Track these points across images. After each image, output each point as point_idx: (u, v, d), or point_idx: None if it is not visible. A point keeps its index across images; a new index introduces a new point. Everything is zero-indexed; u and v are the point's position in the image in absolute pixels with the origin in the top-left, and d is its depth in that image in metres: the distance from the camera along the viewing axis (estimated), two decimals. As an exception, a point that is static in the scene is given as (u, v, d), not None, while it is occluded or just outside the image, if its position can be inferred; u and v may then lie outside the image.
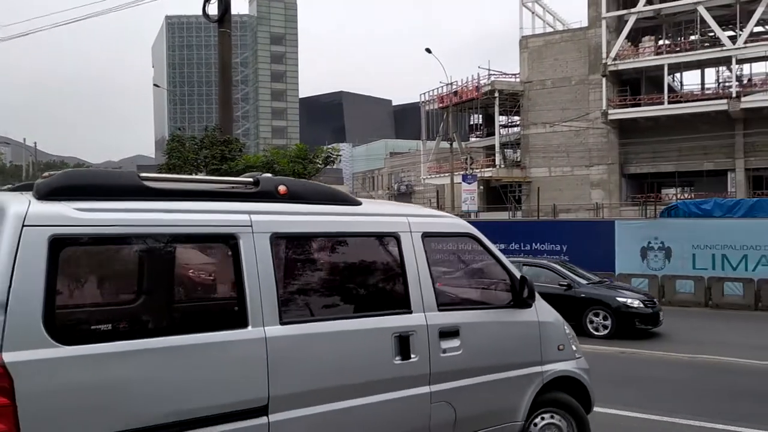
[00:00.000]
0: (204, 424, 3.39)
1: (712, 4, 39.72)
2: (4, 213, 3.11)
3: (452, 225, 5.02)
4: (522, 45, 46.03)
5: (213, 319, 3.72)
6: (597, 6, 42.25)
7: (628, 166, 42.97)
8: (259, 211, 3.84)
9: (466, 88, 47.71)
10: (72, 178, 3.42)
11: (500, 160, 47.03)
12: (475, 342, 4.59)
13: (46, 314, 3.05)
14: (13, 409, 2.91)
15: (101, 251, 3.53)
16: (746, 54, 39.37)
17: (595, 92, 42.32)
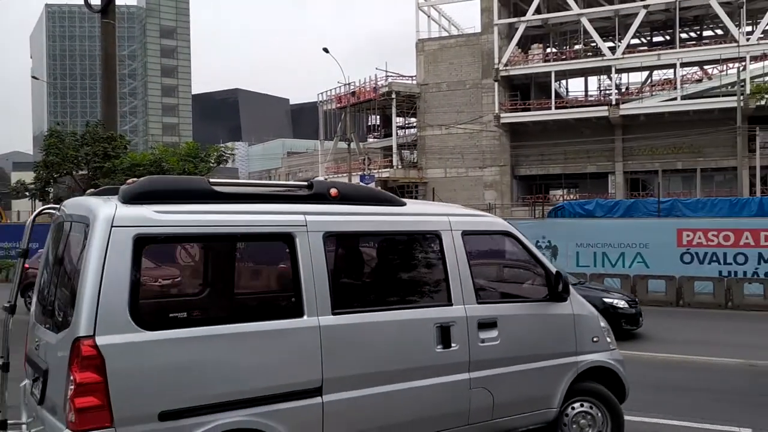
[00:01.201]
0: (267, 402, 3.81)
1: (594, 16, 42.14)
2: (96, 216, 3.56)
3: (491, 224, 5.37)
4: (418, 48, 46.81)
5: (273, 309, 4.17)
6: (489, 13, 43.67)
7: (518, 168, 44.73)
8: (313, 212, 4.21)
9: (364, 89, 47.91)
10: (152, 184, 3.87)
11: (398, 160, 47.60)
12: (512, 333, 4.87)
13: (131, 303, 3.50)
14: (104, 385, 3.37)
15: (177, 248, 4.10)
16: (624, 64, 42.04)
17: (488, 96, 43.72)
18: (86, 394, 3.37)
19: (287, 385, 3.90)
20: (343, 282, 4.49)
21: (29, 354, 4.28)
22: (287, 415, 3.88)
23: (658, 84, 44.22)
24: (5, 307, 4.26)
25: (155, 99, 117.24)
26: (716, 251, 16.88)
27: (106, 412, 3.39)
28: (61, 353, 3.55)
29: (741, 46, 37.49)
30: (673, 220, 19.02)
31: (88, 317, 3.42)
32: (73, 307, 3.52)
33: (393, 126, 47.84)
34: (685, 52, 41.39)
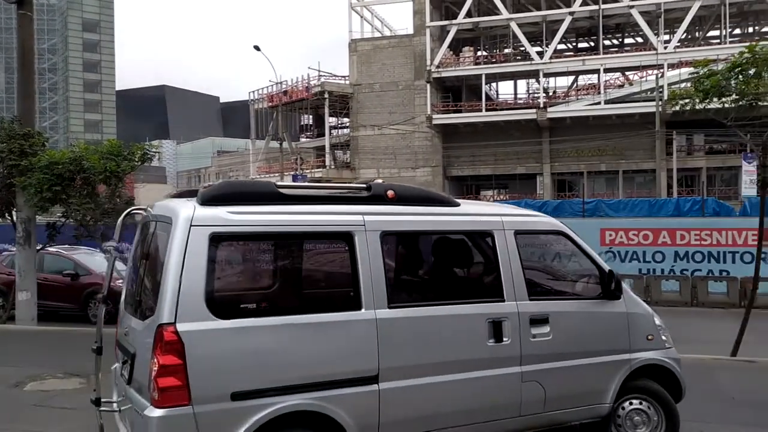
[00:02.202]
0: (328, 387, 4.11)
1: (523, 21, 43.17)
2: (177, 216, 3.98)
3: (543, 223, 5.46)
4: (351, 48, 46.70)
5: (333, 302, 4.42)
6: (422, 15, 44.04)
7: (450, 169, 45.30)
8: (371, 212, 4.50)
9: (296, 88, 47.42)
10: (225, 188, 4.27)
11: (330, 160, 47.35)
12: (564, 329, 5.00)
13: (207, 294, 3.88)
14: (184, 367, 3.75)
15: (248, 245, 4.45)
16: (552, 68, 43.27)
17: (420, 97, 44.08)
18: (168, 375, 3.77)
19: (346, 372, 4.21)
20: (399, 278, 4.88)
21: (119, 339, 4.77)
22: (346, 400, 4.18)
23: (583, 88, 45.77)
24: (100, 299, 4.96)
25: (77, 95, 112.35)
26: (636, 250, 17.54)
27: (185, 391, 3.78)
28: (147, 339, 3.95)
29: (659, 54, 39.24)
30: (596, 220, 19.63)
31: (170, 306, 3.82)
32: (157, 298, 3.93)
33: (326, 126, 47.56)
34: (608, 59, 42.99)
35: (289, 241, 4.50)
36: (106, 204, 13.37)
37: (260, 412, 3.92)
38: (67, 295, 13.93)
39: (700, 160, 40.87)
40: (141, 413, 3.87)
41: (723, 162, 38.86)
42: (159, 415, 3.74)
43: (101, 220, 13.32)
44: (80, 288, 13.81)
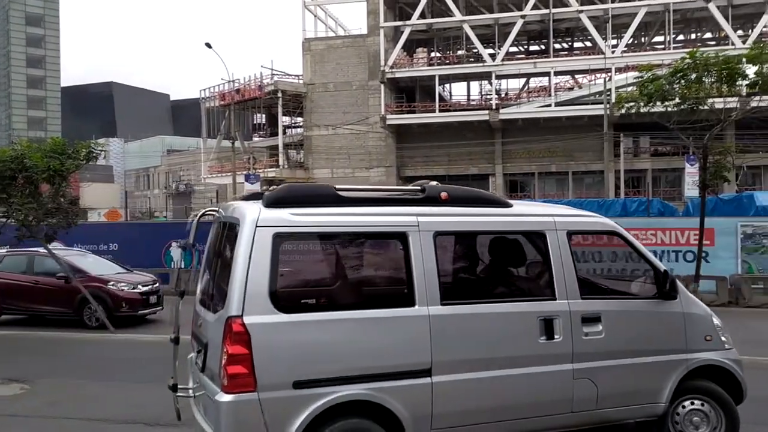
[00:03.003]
0: (383, 379, 4.35)
1: (476, 23, 43.65)
2: (244, 217, 4.30)
3: (597, 224, 5.51)
4: (305, 47, 46.39)
5: (388, 299, 4.64)
6: (375, 15, 44.06)
7: (404, 169, 45.44)
8: (425, 213, 4.70)
9: (249, 87, 46.79)
10: (288, 191, 4.56)
11: (284, 160, 46.91)
12: (617, 328, 5.05)
13: (271, 290, 4.19)
14: (250, 356, 4.07)
15: (308, 245, 4.69)
16: (504, 71, 43.87)
17: (374, 97, 44.10)
18: (236, 363, 4.09)
19: (400, 365, 4.43)
20: (451, 276, 5.05)
21: (194, 330, 5.11)
22: (400, 391, 4.40)
23: (535, 91, 46.56)
24: (175, 291, 5.24)
25: (20, 91, 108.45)
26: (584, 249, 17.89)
27: (251, 378, 4.09)
28: (217, 330, 4.28)
29: (607, 58, 40.24)
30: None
31: (238, 300, 4.15)
32: (226, 293, 4.25)
33: (279, 125, 47.10)
34: (559, 62, 43.88)
35: (346, 240, 4.73)
36: (50, 204, 12.96)
37: (320, 400, 4.21)
38: (60, 299, 13.26)
39: (646, 161, 42.10)
40: (213, 398, 4.24)
41: (667, 164, 40.10)
42: (228, 400, 4.08)
43: (44, 220, 12.89)
44: (74, 291, 13.13)
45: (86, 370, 9.40)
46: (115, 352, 10.98)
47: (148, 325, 13.58)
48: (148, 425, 6.53)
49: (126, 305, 13.20)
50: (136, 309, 13.40)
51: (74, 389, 8.13)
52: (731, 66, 16.30)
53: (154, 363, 9.56)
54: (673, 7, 40.46)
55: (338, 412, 4.26)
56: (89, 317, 13.03)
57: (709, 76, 16.77)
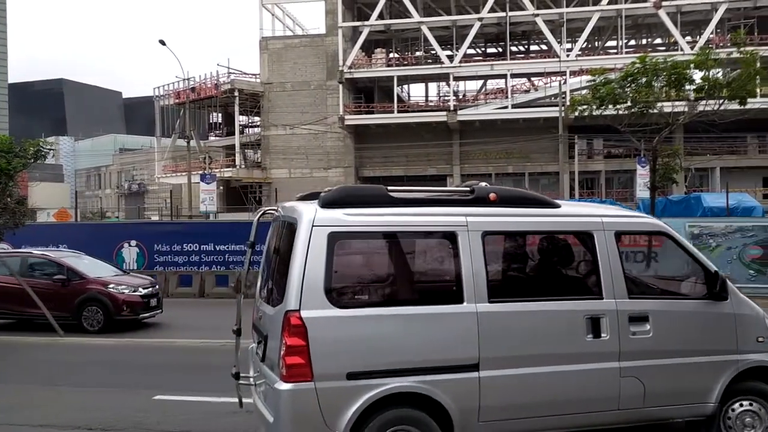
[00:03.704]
0: (432, 372, 4.55)
1: (434, 25, 43.92)
2: (302, 217, 4.54)
3: (645, 224, 5.58)
4: (262, 46, 45.93)
5: (438, 296, 4.85)
6: (334, 15, 43.91)
7: (363, 170, 45.42)
8: (474, 214, 4.86)
9: (205, 85, 46.04)
10: (342, 192, 4.75)
11: (241, 160, 46.34)
12: (665, 328, 5.10)
13: (326, 286, 4.42)
14: (307, 348, 4.30)
15: (362, 243, 4.90)
16: (461, 72, 44.29)
17: (332, 98, 43.94)
18: (294, 354, 4.35)
19: (449, 359, 4.62)
20: (499, 274, 5.16)
21: (255, 323, 5.38)
22: (449, 384, 4.58)
23: (492, 93, 47.11)
24: (235, 289, 5.53)
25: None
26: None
27: (308, 368, 4.34)
28: (276, 323, 4.56)
29: (562, 61, 41.00)
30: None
31: (295, 295, 4.40)
32: (285, 288, 4.50)
33: (236, 124, 46.50)
34: (515, 64, 44.52)
35: (398, 239, 4.92)
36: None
37: (372, 391, 4.43)
38: (58, 303, 12.74)
39: (599, 163, 43.04)
40: (273, 386, 4.51)
41: (620, 165, 41.07)
42: (287, 388, 4.35)
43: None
44: (72, 294, 12.72)
45: (39, 375, 9.11)
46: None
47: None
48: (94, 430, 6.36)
49: (127, 308, 12.81)
50: (137, 312, 13.03)
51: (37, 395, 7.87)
52: (679, 71, 16.80)
53: (125, 367, 9.39)
54: (625, 13, 41.46)
55: (389, 402, 4.47)
56: (89, 321, 12.61)
57: (658, 80, 17.24)
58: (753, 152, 42.33)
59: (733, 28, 36.89)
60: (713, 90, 17.74)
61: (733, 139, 39.34)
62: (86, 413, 7.03)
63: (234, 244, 20.14)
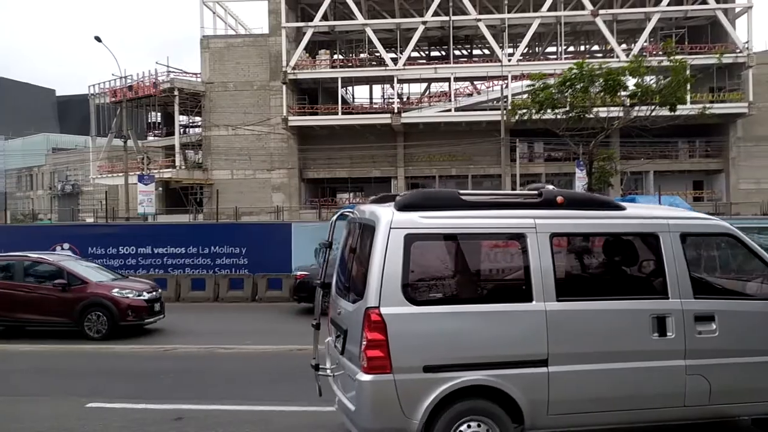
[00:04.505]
0: (503, 367, 4.78)
1: (378, 27, 43.96)
2: (380, 220, 4.86)
3: (711, 226, 5.65)
4: (203, 45, 44.96)
5: (508, 294, 5.09)
6: (277, 15, 43.40)
7: (307, 171, 45.04)
8: (541, 216, 5.07)
9: (143, 84, 44.68)
10: (417, 196, 5.03)
11: (181, 160, 45.22)
12: (732, 327, 5.19)
13: (403, 284, 4.72)
14: (386, 342, 4.64)
15: (436, 244, 5.06)
16: (406, 75, 44.44)
17: (276, 98, 43.41)
18: (374, 348, 4.64)
19: (519, 355, 4.83)
20: (567, 274, 5.33)
21: (333, 318, 5.66)
22: (519, 379, 4.80)
23: (436, 96, 47.47)
24: (317, 283, 5.78)
25: None
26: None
27: (387, 361, 4.64)
28: (356, 318, 4.84)
29: (504, 66, 41.66)
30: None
31: (375, 293, 4.69)
32: (364, 286, 4.79)
33: (175, 124, 45.39)
34: (458, 68, 44.98)
35: (470, 241, 5.16)
36: None
37: (447, 384, 4.70)
38: (58, 309, 12.13)
39: (540, 166, 43.93)
40: (354, 378, 4.78)
41: (560, 168, 42.00)
42: (368, 379, 4.64)
43: None
44: (74, 300, 12.11)
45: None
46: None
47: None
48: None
49: (132, 314, 12.27)
50: (142, 318, 12.53)
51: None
52: (613, 77, 17.27)
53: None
54: (564, 20, 42.50)
55: (463, 394, 4.74)
56: (92, 328, 12.02)
57: (594, 86, 17.70)
58: (684, 157, 44.04)
59: (666, 37, 38.32)
60: (646, 96, 18.32)
61: (665, 144, 40.85)
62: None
63: (173, 246, 19.65)
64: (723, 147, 42.64)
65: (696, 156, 44.15)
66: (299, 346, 9.84)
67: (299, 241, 19.29)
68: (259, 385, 8.59)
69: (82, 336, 11.91)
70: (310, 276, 15.19)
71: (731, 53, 38.89)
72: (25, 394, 8.13)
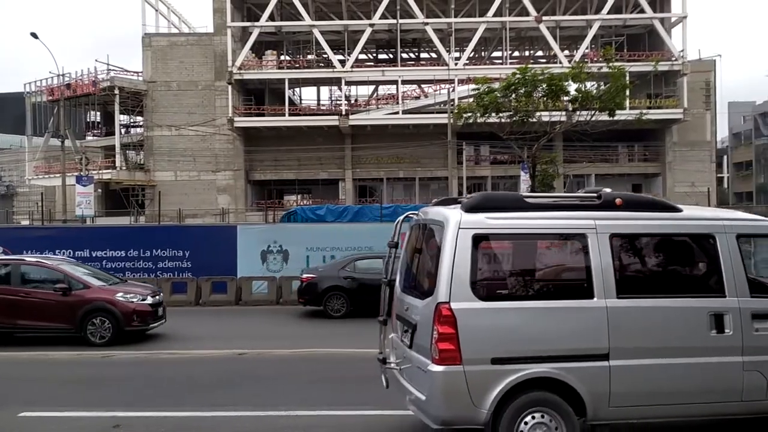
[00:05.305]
0: (566, 360, 5.04)
1: (325, 29, 43.77)
2: (449, 221, 5.22)
3: (766, 227, 5.83)
4: (145, 43, 43.84)
5: (571, 291, 5.32)
6: (222, 14, 42.69)
7: (253, 173, 44.45)
8: (601, 218, 5.33)
9: (82, 82, 43.22)
10: (484, 198, 5.41)
11: (121, 161, 43.96)
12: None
13: (471, 281, 5.09)
14: (456, 336, 5.00)
15: (501, 244, 5.40)
16: (353, 77, 44.39)
17: (221, 99, 42.69)
18: (445, 341, 4.94)
19: (581, 349, 5.09)
20: (626, 273, 5.49)
21: (399, 314, 5.95)
22: (582, 372, 5.05)
23: (383, 98, 47.57)
24: (384, 281, 5.89)
25: None
26: (430, 252, 18.46)
27: (457, 354, 4.94)
28: (427, 313, 5.15)
29: (451, 69, 42.12)
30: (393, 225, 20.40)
31: (445, 289, 5.00)
32: (433, 283, 5.14)
33: (116, 124, 44.10)
34: (406, 71, 45.22)
35: (533, 240, 5.43)
36: None
37: (513, 375, 4.96)
38: (58, 314, 11.57)
39: (486, 169, 44.57)
40: (425, 369, 5.08)
41: (505, 171, 42.73)
42: (440, 370, 4.95)
43: None
44: (76, 304, 11.55)
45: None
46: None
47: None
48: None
49: (137, 319, 11.81)
50: (147, 323, 12.08)
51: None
52: (555, 83, 17.66)
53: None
54: (509, 26, 43.26)
55: (528, 386, 4.99)
56: (95, 333, 11.50)
57: (537, 91, 18.06)
58: (624, 160, 45.43)
59: (606, 44, 39.47)
60: (586, 101, 18.81)
61: (606, 148, 42.02)
62: None
63: (113, 249, 19.06)
64: (660, 151, 44.19)
65: (635, 160, 45.59)
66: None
67: (245, 244, 19.01)
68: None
69: (84, 342, 11.48)
70: (317, 278, 15.11)
71: (667, 61, 40.42)
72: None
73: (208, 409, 7.31)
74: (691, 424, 5.81)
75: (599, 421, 5.17)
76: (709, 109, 43.88)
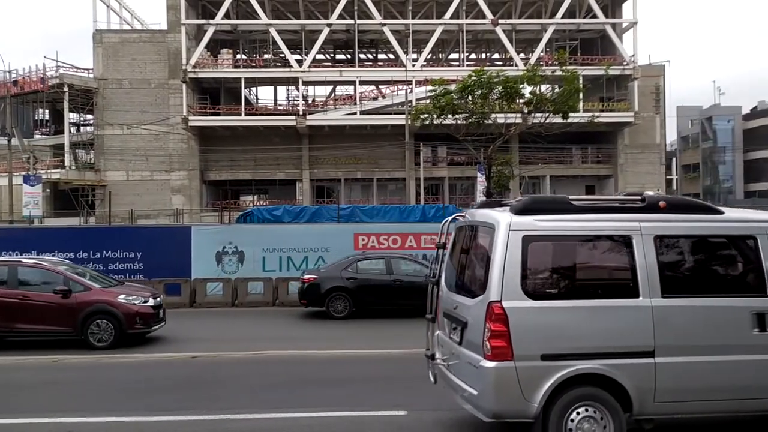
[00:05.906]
0: (613, 357, 5.28)
1: (282, 28, 43.42)
2: (499, 223, 5.46)
3: None
4: (96, 39, 42.75)
5: (617, 291, 5.52)
6: (176, 11, 41.93)
7: (208, 173, 43.79)
8: (646, 220, 5.54)
9: (30, 79, 41.90)
10: (532, 201, 5.67)
11: (71, 160, 42.77)
12: None
13: (521, 280, 5.32)
14: (508, 333, 5.20)
15: (550, 244, 5.62)
16: (311, 77, 44.15)
17: (175, 97, 41.93)
18: (497, 338, 5.14)
19: (628, 346, 5.29)
20: (671, 273, 5.59)
21: (448, 312, 6.12)
22: (628, 368, 5.25)
23: (341, 99, 47.45)
24: (432, 281, 6.25)
25: None
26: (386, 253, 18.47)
27: (509, 350, 5.15)
28: (479, 312, 5.35)
29: (408, 71, 42.28)
30: (351, 225, 20.32)
31: (497, 288, 5.21)
32: (485, 282, 5.35)
33: (65, 122, 42.87)
34: (364, 71, 45.17)
35: (581, 241, 5.61)
36: None
37: (562, 371, 5.17)
38: (58, 317, 11.23)
39: (443, 170, 44.92)
40: (477, 365, 5.29)
41: (462, 172, 43.12)
42: (492, 365, 5.15)
43: None
44: (77, 307, 11.19)
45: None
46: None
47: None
48: None
49: (140, 321, 11.48)
50: (149, 325, 11.73)
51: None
52: (510, 85, 17.89)
53: None
54: (466, 28, 43.68)
55: (577, 381, 5.20)
56: (97, 336, 11.12)
57: (493, 93, 18.26)
58: (577, 162, 46.40)
59: (560, 48, 40.20)
60: (541, 104, 19.10)
61: (560, 150, 42.86)
62: None
63: (61, 251, 18.44)
64: (612, 154, 45.27)
65: (588, 162, 46.60)
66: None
67: (200, 245, 18.64)
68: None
69: (85, 345, 11.12)
70: (319, 279, 14.92)
71: (619, 66, 41.43)
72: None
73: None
74: (719, 420, 6.09)
75: (644, 415, 5.36)
76: (659, 113, 45.17)
